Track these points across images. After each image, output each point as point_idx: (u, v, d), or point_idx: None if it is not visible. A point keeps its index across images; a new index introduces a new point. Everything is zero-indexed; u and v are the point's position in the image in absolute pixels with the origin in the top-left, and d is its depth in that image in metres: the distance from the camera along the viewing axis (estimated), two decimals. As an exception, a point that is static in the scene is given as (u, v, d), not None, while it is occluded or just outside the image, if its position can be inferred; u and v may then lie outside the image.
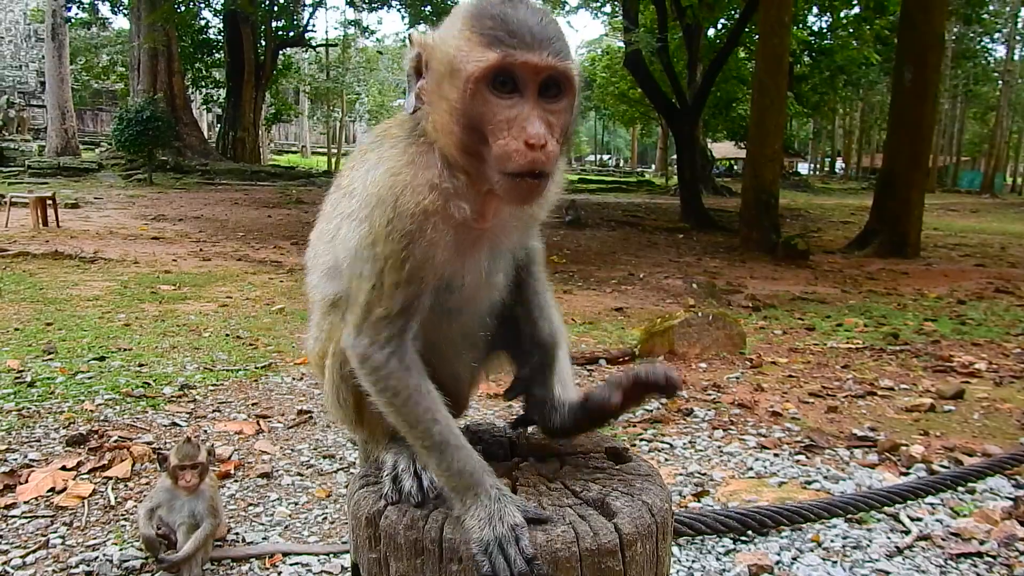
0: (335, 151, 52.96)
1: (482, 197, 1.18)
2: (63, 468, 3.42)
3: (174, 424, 4.23)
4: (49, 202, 14.43)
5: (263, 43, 35.38)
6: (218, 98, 39.34)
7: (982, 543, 2.89)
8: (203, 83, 37.57)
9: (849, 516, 3.16)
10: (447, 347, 1.33)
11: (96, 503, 3.19)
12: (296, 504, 3.34)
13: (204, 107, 43.21)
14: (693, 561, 2.91)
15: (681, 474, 3.83)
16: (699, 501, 3.48)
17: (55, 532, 2.93)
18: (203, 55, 36.54)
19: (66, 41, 30.88)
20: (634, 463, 1.40)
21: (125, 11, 30.23)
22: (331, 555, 2.86)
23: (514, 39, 1.08)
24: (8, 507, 3.10)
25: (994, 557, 2.80)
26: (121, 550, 2.81)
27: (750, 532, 3.05)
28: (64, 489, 3.24)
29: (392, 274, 1.18)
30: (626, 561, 1.17)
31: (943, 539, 2.94)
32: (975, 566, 2.76)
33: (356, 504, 1.29)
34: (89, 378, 4.97)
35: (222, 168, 29.63)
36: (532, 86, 1.10)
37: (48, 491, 3.22)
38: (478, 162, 1.12)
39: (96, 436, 3.86)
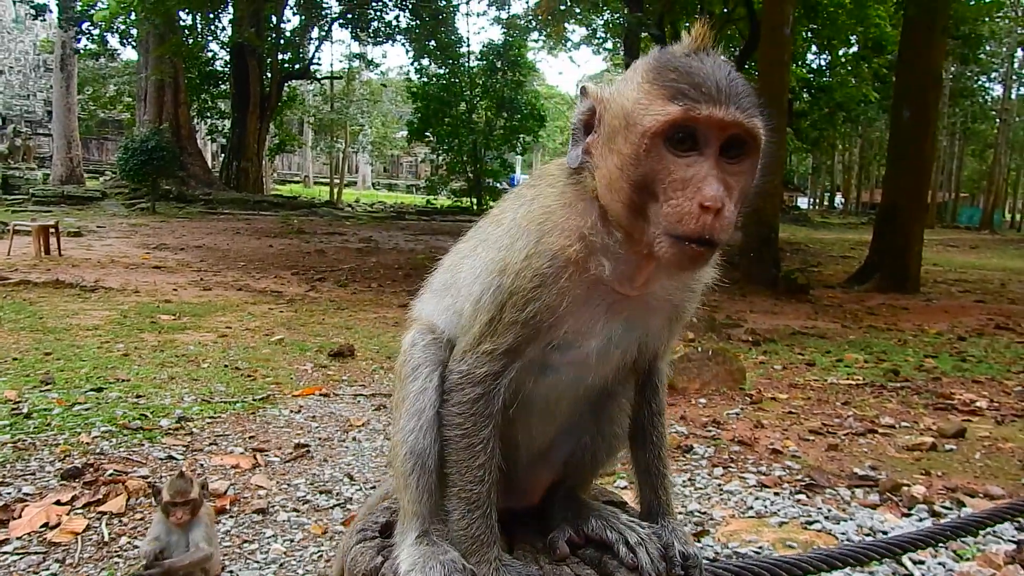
0: (337, 181, 53.38)
1: (637, 261, 1.12)
2: (57, 503, 3.39)
3: (170, 457, 4.20)
4: (52, 230, 14.50)
5: (269, 75, 35.86)
6: (223, 128, 39.75)
7: (985, 588, 2.86)
8: (208, 113, 37.98)
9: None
10: (525, 409, 1.24)
11: (90, 539, 3.15)
12: (292, 541, 3.30)
13: (209, 137, 43.61)
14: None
15: (681, 512, 3.79)
16: (699, 541, 3.44)
17: (47, 570, 2.90)
18: (209, 86, 36.99)
19: (74, 72, 31.33)
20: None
21: (134, 43, 30.67)
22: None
23: (698, 92, 1.01)
24: (0, 543, 3.07)
25: (997, 603, 2.77)
26: (113, 588, 2.77)
27: None
28: (58, 524, 3.21)
29: (512, 311, 1.13)
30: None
31: (946, 584, 2.91)
32: (978, 612, 2.73)
33: (353, 560, 1.27)
34: (86, 409, 4.95)
35: (225, 198, 29.83)
36: (714, 144, 1.03)
37: (41, 526, 3.19)
38: (642, 222, 1.05)
39: (91, 469, 3.83)
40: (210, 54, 36.22)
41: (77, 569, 2.92)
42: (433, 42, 36.73)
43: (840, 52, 35.92)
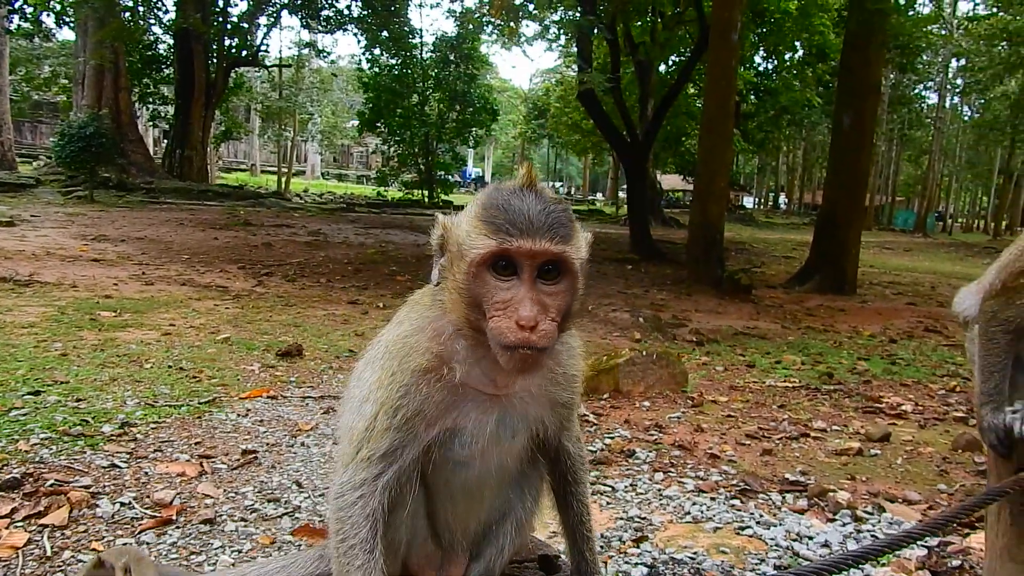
0: (285, 170, 52.41)
1: (492, 365, 1.26)
2: (-5, 515, 3.33)
3: (113, 465, 4.15)
4: (-17, 219, 13.93)
5: (215, 61, 34.95)
6: (166, 115, 38.61)
7: (899, 592, 3.06)
8: (151, 99, 36.80)
9: None
10: (446, 495, 1.39)
11: (31, 553, 3.11)
12: (240, 552, 3.32)
13: (151, 123, 42.33)
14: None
15: (621, 518, 3.93)
16: (638, 547, 3.58)
17: (-14, 585, 2.86)
18: (152, 71, 35.84)
19: (6, 52, 30.02)
20: (564, 572, 1.50)
21: (71, 24, 29.52)
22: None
23: (512, 227, 1.18)
24: (-64, 557, 3.01)
25: (909, 607, 2.97)
26: (56, 604, 2.76)
27: (685, 580, 3.16)
28: (-3, 538, 3.16)
29: (384, 419, 1.28)
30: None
31: (864, 588, 3.11)
32: (892, 616, 2.93)
33: None
34: (24, 415, 4.83)
35: (168, 187, 29.03)
36: (528, 270, 1.19)
37: (-21, 540, 3.14)
38: (481, 335, 1.21)
39: (31, 479, 3.76)
40: (152, 38, 35.10)
41: (18, 585, 2.89)
42: (385, 32, 36.35)
43: (786, 57, 36.94)
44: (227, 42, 35.59)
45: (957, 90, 59.16)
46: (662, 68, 34.57)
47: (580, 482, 1.47)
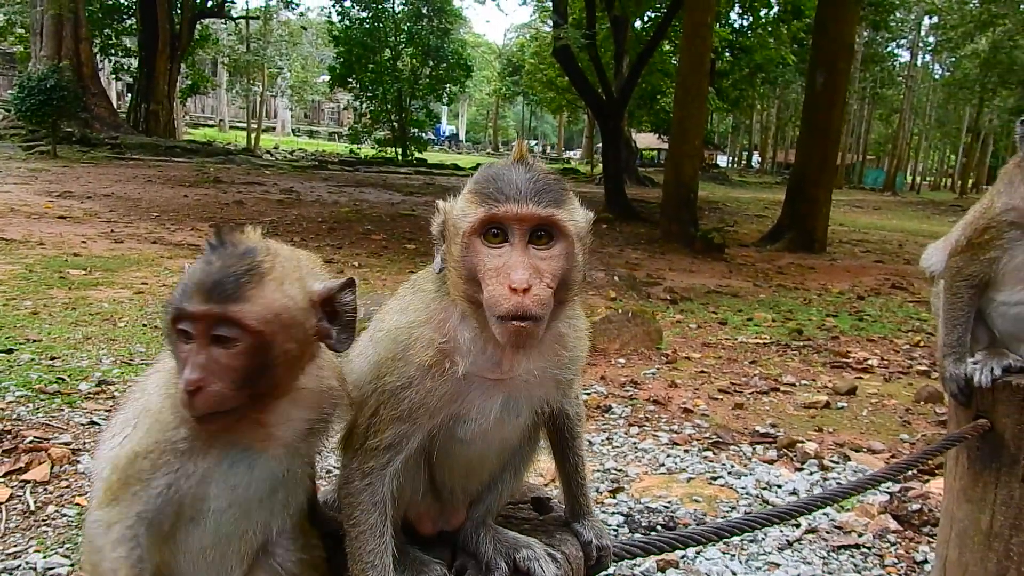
0: (255, 126, 51.28)
1: (499, 349, 1.26)
2: (-24, 473, 3.34)
3: (92, 423, 4.15)
4: (-58, 175, 13.50)
5: (179, 12, 33.83)
6: (129, 68, 37.41)
7: (860, 535, 3.22)
8: (113, 51, 35.61)
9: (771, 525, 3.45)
10: (448, 467, 1.43)
11: (15, 508, 3.13)
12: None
13: (114, 76, 41.01)
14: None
15: (599, 471, 4.05)
16: (614, 497, 3.70)
17: (-28, 540, 2.88)
18: (113, 21, 34.63)
19: (-41, -1, 28.76)
20: (555, 513, 1.58)
21: (27, -30, 28.33)
22: None
23: (500, 194, 1.20)
24: (-82, 514, 3.02)
25: (869, 548, 3.13)
26: (45, 557, 2.79)
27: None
28: (-21, 495, 3.17)
29: (391, 408, 1.30)
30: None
31: (827, 532, 3.26)
32: (852, 557, 3.08)
33: None
34: (-2, 373, 4.79)
35: (134, 142, 28.30)
36: (519, 235, 1.19)
37: (-39, 498, 3.15)
38: (482, 313, 1.21)
39: (10, 437, 3.76)
40: (113, -14, 33.85)
41: (4, 539, 2.92)
42: (356, -16, 35.41)
43: (761, 14, 36.73)
44: (192, -9, 34.44)
45: (929, 48, 59.51)
46: (638, 24, 34.19)
47: (576, 436, 1.53)
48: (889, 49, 59.83)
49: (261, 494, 1.29)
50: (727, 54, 39.20)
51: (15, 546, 2.88)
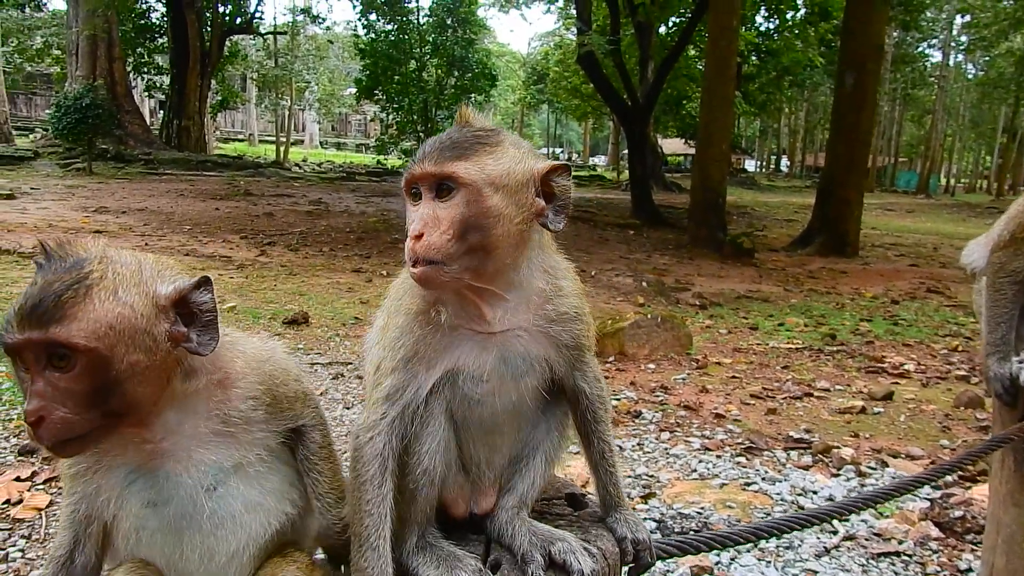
0: (284, 140, 51.98)
1: (473, 301, 1.33)
2: (17, 479, 3.40)
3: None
4: (-16, 193, 13.88)
5: (209, 29, 34.49)
6: (161, 85, 38.19)
7: (900, 543, 3.13)
8: (145, 69, 36.38)
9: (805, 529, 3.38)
10: (468, 430, 1.46)
11: (54, 514, 3.18)
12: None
13: (146, 94, 41.89)
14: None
15: (630, 476, 4.00)
16: (646, 503, 3.65)
17: (14, 546, 2.93)
18: (145, 40, 35.39)
19: (-2, 22, 29.64)
20: (590, 509, 1.55)
21: (63, -8, 29.08)
22: None
23: (415, 158, 1.29)
24: (-39, 521, 3.08)
25: (910, 556, 3.04)
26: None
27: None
28: (20, 501, 3.23)
29: (389, 360, 1.35)
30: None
31: (866, 539, 3.17)
32: (893, 565, 3.00)
33: None
34: (37, 383, 4.88)
35: (166, 158, 28.86)
36: (426, 192, 1.28)
37: (3, 503, 3.21)
38: None
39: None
40: (145, 6, 34.59)
41: (44, 544, 2.96)
42: (381, -3, 35.80)
43: (788, 16, 36.37)
44: (221, 9, 35.07)
45: (961, 47, 58.36)
46: (662, 30, 34.06)
47: (600, 420, 1.51)
48: (920, 49, 58.87)
49: (189, 514, 1.23)
50: (753, 57, 38.88)
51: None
